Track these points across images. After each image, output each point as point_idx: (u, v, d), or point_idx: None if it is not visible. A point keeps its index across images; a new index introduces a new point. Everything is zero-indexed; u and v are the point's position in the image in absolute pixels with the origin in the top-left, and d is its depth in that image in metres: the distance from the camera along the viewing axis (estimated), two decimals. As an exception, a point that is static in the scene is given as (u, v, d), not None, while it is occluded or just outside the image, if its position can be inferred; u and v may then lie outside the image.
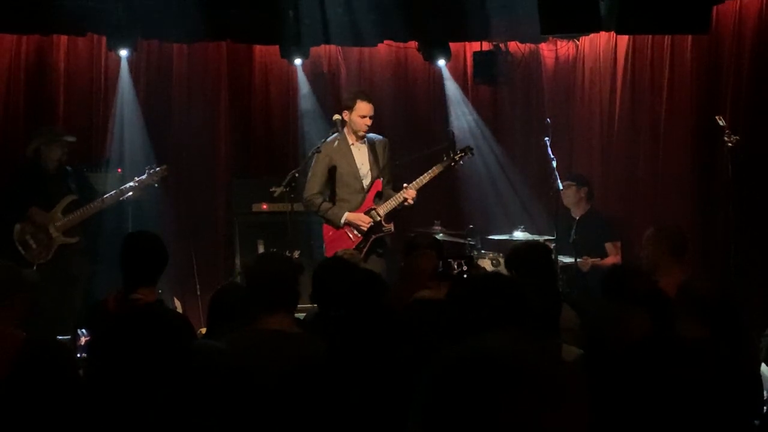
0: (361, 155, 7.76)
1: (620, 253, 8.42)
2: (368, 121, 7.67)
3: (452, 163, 7.92)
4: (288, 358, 3.78)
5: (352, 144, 7.74)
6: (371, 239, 7.67)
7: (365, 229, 7.65)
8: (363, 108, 7.63)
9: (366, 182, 7.76)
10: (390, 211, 7.71)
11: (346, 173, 7.71)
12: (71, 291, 7.97)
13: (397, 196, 7.69)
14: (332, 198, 7.75)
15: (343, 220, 7.66)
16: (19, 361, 3.39)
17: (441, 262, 5.09)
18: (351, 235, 7.67)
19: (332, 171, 7.70)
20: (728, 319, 4.15)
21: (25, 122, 8.84)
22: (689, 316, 4.08)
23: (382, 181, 7.79)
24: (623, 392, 2.85)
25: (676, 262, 5.92)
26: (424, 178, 7.77)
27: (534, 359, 1.75)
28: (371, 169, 7.76)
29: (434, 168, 7.84)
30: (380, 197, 7.77)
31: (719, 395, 3.00)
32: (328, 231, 7.77)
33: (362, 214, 7.67)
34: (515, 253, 5.58)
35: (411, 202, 7.72)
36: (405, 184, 7.74)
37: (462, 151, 8.01)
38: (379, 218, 7.68)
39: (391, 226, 7.77)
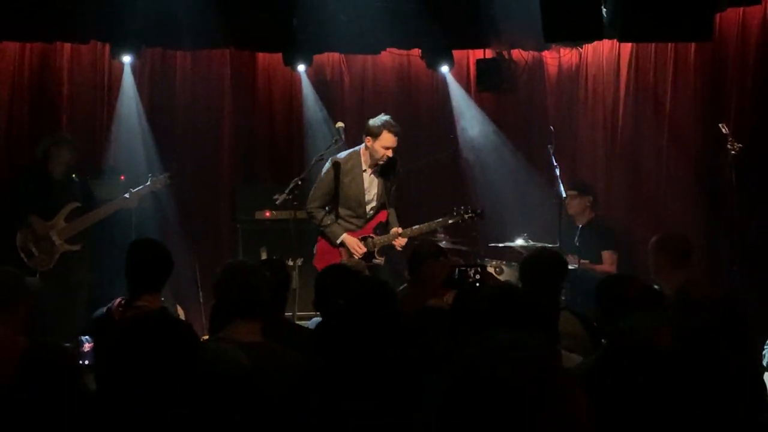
0: (370, 181, 7.65)
1: (615, 264, 8.40)
2: (390, 153, 7.50)
3: (459, 221, 7.77)
4: (261, 369, 3.76)
5: (365, 170, 7.64)
6: None
7: (358, 257, 7.58)
8: (388, 140, 7.45)
9: (369, 208, 7.69)
10: (384, 246, 7.67)
11: (351, 196, 7.62)
12: (72, 299, 7.95)
13: (389, 235, 7.64)
14: (334, 212, 7.70)
15: (339, 241, 7.61)
16: (23, 366, 3.39)
17: (456, 270, 5.07)
18: (343, 256, 7.61)
19: (338, 188, 7.64)
20: (729, 323, 4.14)
21: (29, 129, 8.86)
22: (688, 319, 4.06)
23: (387, 210, 7.73)
24: (626, 399, 2.84)
25: (678, 270, 5.90)
26: (422, 228, 7.66)
27: (540, 367, 1.75)
28: (377, 198, 7.66)
29: (438, 221, 7.72)
30: (382, 228, 7.69)
31: (721, 399, 2.99)
32: (322, 243, 7.73)
33: (359, 241, 7.60)
34: (530, 259, 5.49)
35: (399, 249, 7.66)
36: (398, 229, 7.62)
37: (473, 212, 7.78)
38: (373, 249, 7.62)
39: (381, 260, 7.67)
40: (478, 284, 4.90)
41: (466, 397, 1.70)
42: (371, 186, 7.67)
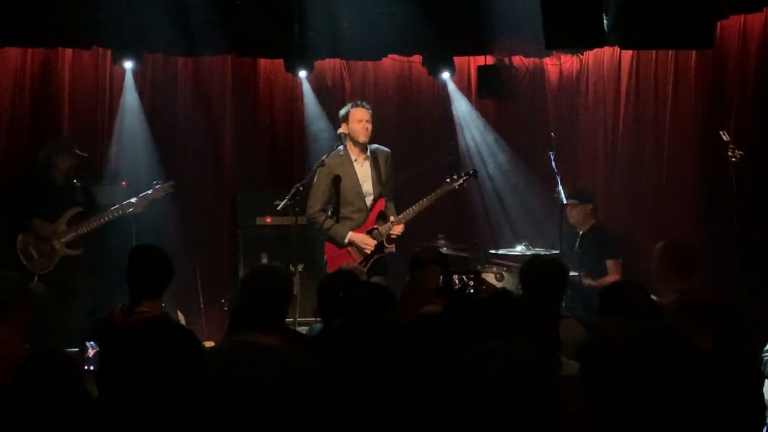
0: (363, 172, 7.75)
1: (620, 271, 8.40)
2: (367, 125, 7.67)
3: (456, 186, 7.86)
4: (281, 371, 3.79)
5: (355, 160, 7.74)
6: (373, 259, 7.67)
7: (368, 252, 7.64)
8: (358, 113, 7.66)
9: (368, 200, 7.75)
10: (391, 234, 7.72)
11: (348, 191, 7.69)
12: (71, 303, 7.94)
13: (389, 224, 7.68)
14: (336, 214, 7.73)
15: (346, 240, 7.65)
16: (24, 371, 3.39)
17: (442, 278, 5.05)
18: (353, 254, 7.66)
19: (335, 187, 7.70)
20: (729, 332, 4.13)
21: (31, 134, 8.86)
22: (688, 328, 4.05)
23: (385, 199, 7.78)
24: (625, 405, 2.84)
25: (680, 279, 5.88)
26: (416, 209, 7.74)
27: (530, 373, 1.76)
28: (374, 187, 7.75)
29: (434, 193, 7.80)
30: (383, 217, 7.75)
31: (722, 408, 2.99)
32: (330, 248, 7.76)
33: (366, 236, 7.66)
34: (528, 266, 5.48)
35: (394, 237, 7.70)
36: (391, 218, 7.72)
37: (466, 174, 7.94)
38: (381, 239, 7.67)
39: (392, 247, 7.76)
40: (471, 291, 4.88)
41: (456, 405, 1.70)
42: (365, 176, 7.75)
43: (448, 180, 7.87)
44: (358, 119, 7.66)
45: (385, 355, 3.18)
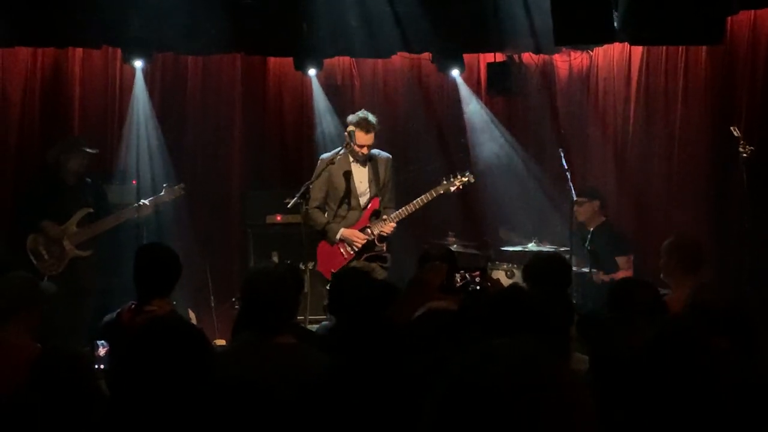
0: (360, 172, 7.75)
1: (632, 267, 8.37)
2: (365, 150, 7.62)
3: (451, 188, 7.86)
4: (293, 370, 3.79)
5: (353, 161, 7.74)
6: (363, 257, 7.66)
7: (358, 246, 7.65)
8: (360, 138, 7.57)
9: (363, 200, 7.75)
10: (383, 234, 7.71)
11: (345, 190, 7.71)
12: (81, 304, 7.95)
13: (380, 223, 7.69)
14: (332, 211, 7.74)
15: (338, 237, 7.66)
16: (38, 370, 3.41)
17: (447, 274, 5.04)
18: (344, 252, 7.67)
19: (331, 185, 7.71)
20: (742, 330, 4.11)
21: (41, 134, 8.90)
22: (700, 326, 4.03)
23: (381, 200, 7.77)
24: (636, 403, 2.83)
25: (689, 276, 5.87)
26: (409, 209, 7.74)
27: (544, 370, 1.75)
28: (370, 187, 7.75)
29: (429, 193, 7.78)
30: (377, 216, 7.75)
31: (736, 407, 2.98)
32: (323, 247, 7.77)
33: (357, 231, 7.67)
34: (533, 263, 5.55)
35: (385, 235, 7.71)
36: (384, 217, 7.73)
37: (463, 176, 7.91)
38: (372, 237, 7.67)
39: (383, 246, 7.75)
40: (477, 288, 4.87)
41: (457, 404, 1.70)
42: (362, 176, 7.76)
43: (444, 181, 7.85)
44: (360, 144, 7.59)
45: (389, 351, 3.18)
